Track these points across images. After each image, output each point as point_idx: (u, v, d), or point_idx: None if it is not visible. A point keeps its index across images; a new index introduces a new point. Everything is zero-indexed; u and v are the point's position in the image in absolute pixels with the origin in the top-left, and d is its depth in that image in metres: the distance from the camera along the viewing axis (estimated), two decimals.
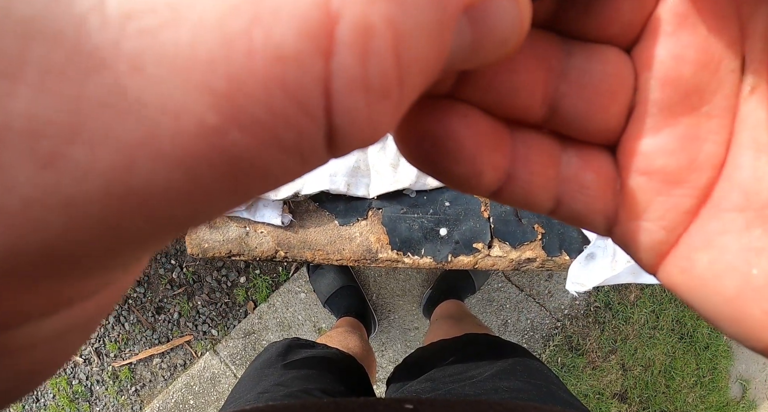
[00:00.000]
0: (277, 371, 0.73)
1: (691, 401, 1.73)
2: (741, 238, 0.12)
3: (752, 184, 0.13)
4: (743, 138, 0.13)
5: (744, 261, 0.12)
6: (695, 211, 0.13)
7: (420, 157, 0.13)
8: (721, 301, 0.13)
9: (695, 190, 0.13)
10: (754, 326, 0.12)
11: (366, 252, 0.61)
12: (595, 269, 0.60)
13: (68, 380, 1.66)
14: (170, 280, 1.63)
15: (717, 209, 0.13)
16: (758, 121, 0.13)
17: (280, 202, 0.62)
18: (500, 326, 1.63)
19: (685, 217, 0.13)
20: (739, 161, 0.13)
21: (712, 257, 0.13)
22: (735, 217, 0.13)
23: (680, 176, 0.13)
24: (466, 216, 0.62)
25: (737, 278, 0.12)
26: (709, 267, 0.13)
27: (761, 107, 0.13)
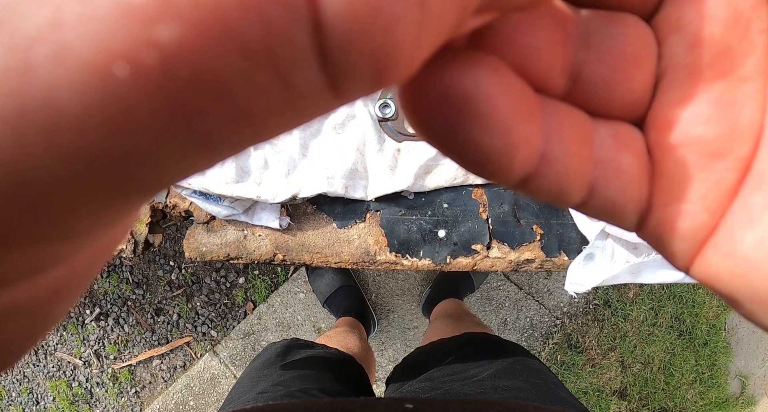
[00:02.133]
0: (276, 371, 0.73)
1: (691, 398, 1.73)
2: None
3: None
4: None
5: None
6: (737, 187, 0.12)
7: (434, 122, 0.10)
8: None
9: (739, 162, 0.12)
10: None
11: (364, 254, 0.60)
12: (594, 270, 0.60)
13: (68, 383, 1.66)
14: (169, 281, 1.63)
15: (759, 181, 0.12)
16: None
17: (278, 205, 0.61)
18: (499, 325, 1.63)
19: (728, 194, 0.12)
20: None
21: (759, 233, 0.11)
22: None
23: (722, 147, 0.12)
24: (465, 217, 0.62)
25: None
26: (757, 246, 0.11)
27: None
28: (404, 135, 0.63)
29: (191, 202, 0.62)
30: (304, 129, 0.62)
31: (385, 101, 0.63)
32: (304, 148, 0.62)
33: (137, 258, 1.64)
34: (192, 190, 0.60)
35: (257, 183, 0.59)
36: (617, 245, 0.60)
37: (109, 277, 1.64)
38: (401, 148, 0.63)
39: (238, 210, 0.61)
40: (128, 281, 1.64)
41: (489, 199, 0.62)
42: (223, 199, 0.60)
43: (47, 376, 1.67)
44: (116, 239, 0.12)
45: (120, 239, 0.11)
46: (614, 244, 0.60)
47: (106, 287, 1.64)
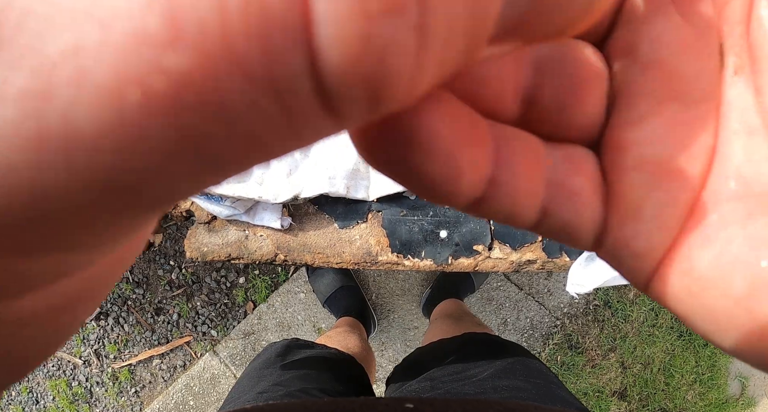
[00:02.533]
0: (276, 371, 0.73)
1: (691, 399, 1.73)
2: (745, 228, 0.11)
3: (749, 168, 0.12)
4: (732, 122, 0.12)
5: (752, 253, 0.11)
6: (692, 205, 0.12)
7: (381, 153, 0.10)
8: (730, 303, 0.11)
9: (692, 182, 0.12)
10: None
11: (366, 255, 0.60)
12: (595, 271, 0.60)
13: (68, 382, 1.66)
14: (169, 281, 1.63)
15: (713, 200, 0.12)
16: (746, 104, 0.12)
17: (280, 206, 0.61)
18: (500, 325, 1.63)
19: (683, 213, 0.12)
20: (731, 147, 0.12)
21: (714, 253, 0.11)
22: (735, 206, 0.11)
23: (674, 167, 0.12)
24: (466, 218, 0.62)
25: (747, 273, 0.11)
26: (713, 265, 0.11)
27: (747, 90, 0.12)
28: None
29: (192, 202, 0.62)
30: None
31: None
32: (305, 149, 0.62)
33: (137, 257, 1.64)
34: None
35: (259, 183, 0.59)
36: None
37: None
38: None
39: (239, 210, 0.61)
40: (128, 281, 1.64)
41: None
42: (225, 199, 0.60)
43: (47, 375, 1.67)
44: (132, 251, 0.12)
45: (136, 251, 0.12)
46: None
47: None
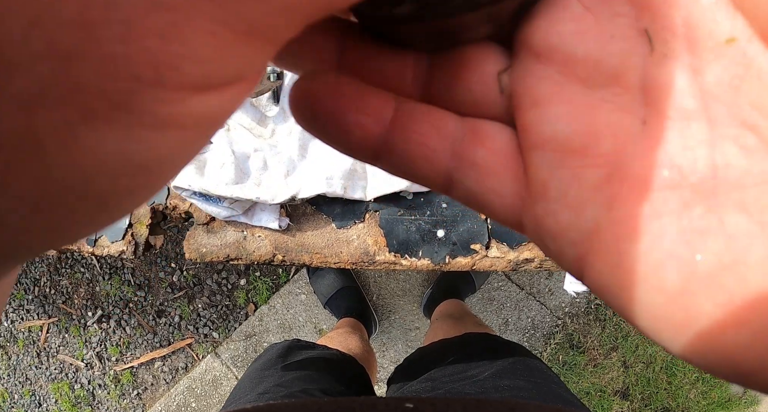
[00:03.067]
0: (277, 372, 0.73)
1: (693, 398, 1.73)
2: (679, 220, 0.11)
3: (684, 156, 0.11)
4: (665, 108, 0.11)
5: (685, 246, 0.10)
6: (607, 186, 0.12)
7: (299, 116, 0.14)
8: (663, 300, 0.10)
9: (598, 159, 0.12)
10: (706, 326, 0.10)
11: (363, 255, 0.61)
12: None
13: (70, 385, 1.66)
14: (170, 283, 1.63)
15: (644, 189, 0.11)
16: (681, 88, 0.11)
17: (277, 206, 0.62)
18: (501, 325, 1.63)
19: (594, 193, 0.12)
20: (664, 134, 0.11)
21: (646, 245, 0.11)
22: (668, 196, 0.11)
23: (576, 145, 0.12)
24: (464, 217, 0.62)
25: (680, 268, 0.10)
26: (645, 258, 0.11)
27: (682, 73, 0.11)
28: None
29: (191, 203, 0.62)
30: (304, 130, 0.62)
31: None
32: (303, 150, 0.62)
33: (138, 260, 1.65)
34: (192, 192, 0.60)
35: (256, 184, 0.59)
36: None
37: (111, 279, 1.65)
38: None
39: (237, 211, 0.61)
40: (130, 283, 1.64)
41: None
42: (223, 200, 0.60)
43: (49, 378, 1.67)
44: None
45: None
46: None
47: (108, 289, 1.65)
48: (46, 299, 1.67)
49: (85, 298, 1.66)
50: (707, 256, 0.10)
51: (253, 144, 0.62)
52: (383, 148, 0.14)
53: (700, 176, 0.11)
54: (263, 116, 0.64)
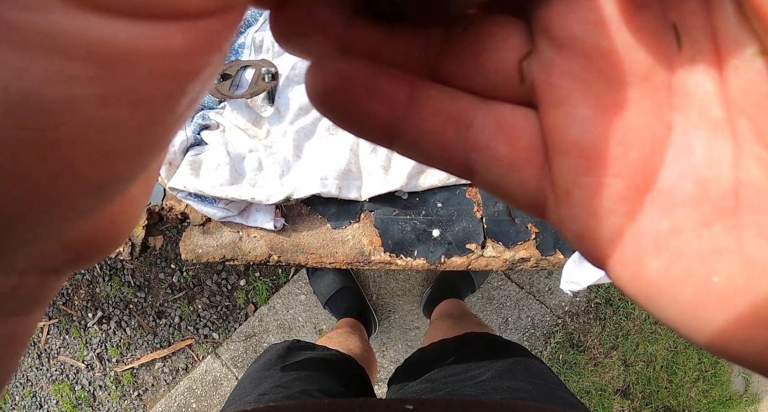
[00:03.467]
0: (277, 372, 0.73)
1: (694, 396, 1.72)
2: (699, 238, 0.11)
3: (707, 170, 0.11)
4: (691, 115, 0.11)
5: (703, 267, 0.10)
6: (631, 196, 0.11)
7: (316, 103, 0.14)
8: (678, 310, 0.11)
9: (623, 169, 0.11)
10: (716, 335, 0.11)
11: (359, 255, 0.61)
12: (590, 268, 0.60)
13: (71, 386, 1.66)
14: (170, 284, 1.63)
15: (667, 202, 0.11)
16: (709, 95, 0.11)
17: (273, 207, 0.62)
18: (501, 325, 1.63)
19: (618, 203, 0.11)
20: (689, 143, 0.11)
21: (664, 262, 0.11)
22: (689, 212, 0.11)
23: (601, 152, 0.11)
24: (459, 217, 0.62)
25: (695, 286, 0.10)
26: (663, 274, 0.11)
27: (709, 78, 0.11)
28: None
29: (187, 204, 0.62)
30: (299, 131, 0.63)
31: None
32: (297, 150, 0.62)
33: (138, 261, 1.65)
34: (187, 193, 0.60)
35: (251, 185, 0.59)
36: None
37: (111, 280, 1.65)
38: None
39: (232, 212, 0.61)
40: (130, 284, 1.65)
41: (483, 198, 0.62)
42: (218, 201, 0.60)
43: (50, 379, 1.67)
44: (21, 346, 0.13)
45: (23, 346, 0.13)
46: None
47: (108, 291, 1.65)
48: None
49: (85, 299, 1.66)
50: (723, 277, 0.10)
51: (248, 145, 0.62)
52: (398, 134, 0.13)
53: (723, 194, 0.10)
54: (258, 117, 0.64)
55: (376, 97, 0.13)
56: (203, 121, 0.63)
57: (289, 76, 0.64)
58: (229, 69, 0.64)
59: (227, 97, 0.61)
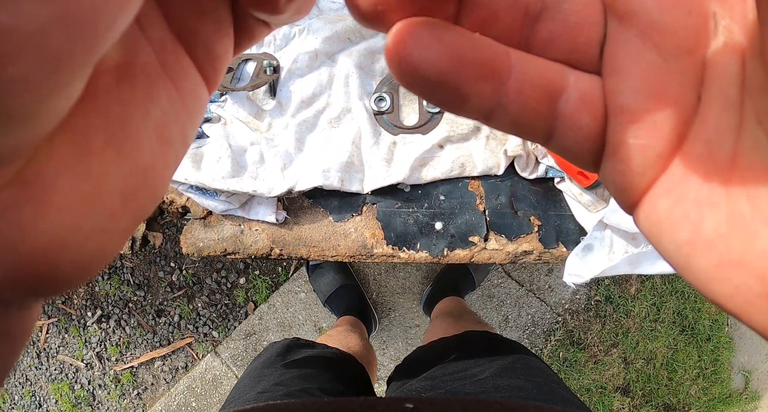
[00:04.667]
0: (277, 370, 0.73)
1: (694, 394, 1.72)
2: (699, 189, 0.13)
3: (715, 136, 0.13)
4: (714, 90, 0.13)
5: (697, 212, 0.12)
6: (668, 155, 0.13)
7: (408, 85, 0.13)
8: (674, 247, 0.13)
9: (665, 133, 0.13)
10: (700, 275, 0.13)
11: (361, 248, 0.60)
12: (593, 261, 0.60)
13: (70, 385, 1.66)
14: (170, 282, 1.63)
15: (684, 156, 0.13)
16: (731, 77, 0.13)
17: (274, 200, 0.61)
18: (501, 322, 1.63)
19: (657, 161, 0.13)
20: (707, 112, 0.13)
21: (670, 203, 0.13)
22: (697, 166, 0.13)
23: (649, 118, 0.13)
24: (462, 209, 0.61)
25: (689, 228, 0.13)
26: (667, 213, 0.13)
27: (735, 63, 0.12)
28: (400, 128, 0.63)
29: (188, 197, 0.62)
30: (300, 124, 0.62)
31: (381, 95, 0.63)
32: (299, 143, 0.62)
33: (138, 259, 1.64)
34: (188, 186, 0.60)
35: (253, 177, 0.59)
36: (616, 235, 0.60)
37: (110, 279, 1.64)
38: (397, 141, 0.63)
39: (234, 205, 0.61)
40: (129, 283, 1.64)
41: (486, 191, 0.62)
42: (220, 194, 0.60)
43: (49, 378, 1.67)
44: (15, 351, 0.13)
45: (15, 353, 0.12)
46: (612, 235, 0.60)
47: (107, 289, 1.64)
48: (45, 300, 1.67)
49: (84, 298, 1.66)
50: (710, 223, 0.12)
51: (250, 137, 0.62)
52: (498, 111, 0.14)
53: (723, 156, 0.12)
54: (260, 110, 0.64)
55: (485, 76, 0.13)
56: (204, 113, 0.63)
57: (291, 69, 0.64)
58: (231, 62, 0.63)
59: (229, 89, 0.61)
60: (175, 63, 0.14)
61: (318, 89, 0.64)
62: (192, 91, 0.14)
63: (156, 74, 0.13)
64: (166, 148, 0.13)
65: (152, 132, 0.13)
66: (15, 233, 0.10)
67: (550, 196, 0.63)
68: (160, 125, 0.13)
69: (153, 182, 0.13)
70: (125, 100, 0.12)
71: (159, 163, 0.13)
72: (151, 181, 0.13)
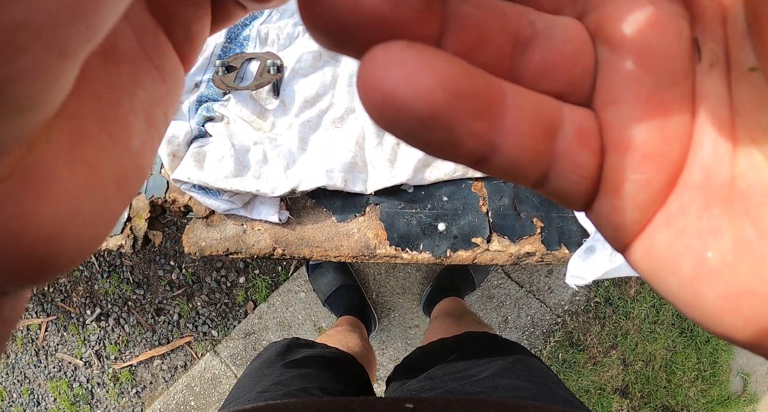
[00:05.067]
0: (277, 370, 0.73)
1: (693, 395, 1.73)
2: (700, 218, 0.12)
3: (713, 161, 0.12)
4: (706, 114, 0.12)
5: (700, 243, 0.12)
6: (669, 187, 0.13)
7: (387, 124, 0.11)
8: (678, 283, 0.12)
9: (668, 165, 0.12)
10: (709, 309, 0.12)
11: (364, 248, 0.60)
12: (595, 263, 0.60)
13: (69, 383, 1.65)
14: (169, 281, 1.63)
15: (683, 186, 0.12)
16: (719, 99, 0.12)
17: (277, 200, 0.61)
18: (500, 323, 1.63)
19: (658, 195, 0.13)
20: (701, 138, 0.12)
21: (670, 237, 0.12)
22: (696, 195, 0.12)
23: (651, 150, 0.12)
24: (465, 211, 0.61)
25: (693, 261, 0.12)
26: (668, 248, 0.12)
27: (721, 84, 0.12)
28: None
29: (190, 196, 0.62)
30: (304, 123, 0.62)
31: None
32: (303, 143, 0.62)
33: (137, 258, 1.64)
34: (191, 185, 0.60)
35: (256, 177, 0.59)
36: None
37: (110, 277, 1.64)
38: (400, 141, 0.63)
39: (237, 204, 0.60)
40: (129, 281, 1.64)
41: (489, 192, 0.62)
42: (222, 193, 0.60)
43: (48, 377, 1.66)
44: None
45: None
46: None
47: (106, 288, 1.64)
48: (44, 297, 1.67)
49: (83, 296, 1.66)
50: (715, 253, 0.12)
51: (253, 137, 0.61)
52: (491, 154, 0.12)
53: (722, 182, 0.12)
54: (263, 109, 0.64)
55: (481, 113, 0.11)
56: (207, 113, 0.63)
57: (295, 69, 0.64)
58: (234, 61, 0.63)
59: (232, 88, 0.61)
60: (156, 44, 0.14)
61: (322, 89, 0.63)
62: (172, 71, 0.14)
63: (139, 56, 0.13)
64: (153, 129, 0.13)
65: (140, 115, 0.13)
66: (17, 223, 0.10)
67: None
68: (147, 107, 0.13)
69: (142, 165, 0.13)
70: (113, 83, 0.12)
71: (147, 145, 0.13)
72: (141, 163, 0.13)
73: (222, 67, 0.62)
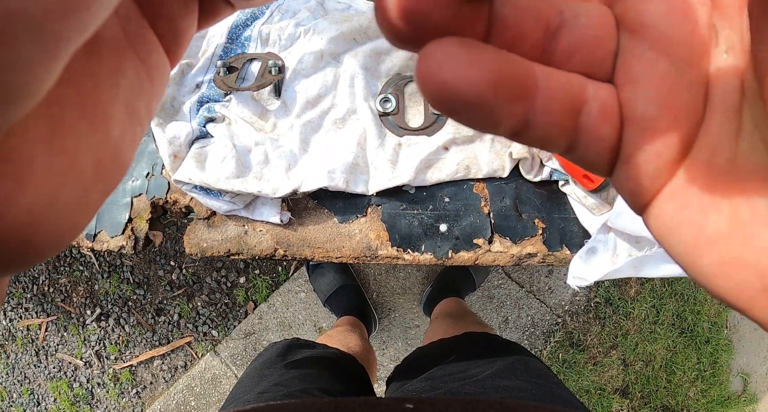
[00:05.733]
0: (277, 371, 0.73)
1: (693, 396, 1.73)
2: (702, 192, 0.13)
3: (718, 142, 0.13)
4: (717, 98, 0.13)
5: (701, 214, 0.13)
6: (678, 161, 0.14)
7: (441, 107, 0.13)
8: (682, 248, 0.14)
9: (677, 140, 0.14)
10: (705, 273, 0.14)
11: (366, 249, 0.60)
12: (596, 264, 0.60)
13: (69, 384, 1.65)
14: (170, 281, 1.63)
15: (690, 162, 0.14)
16: (732, 85, 0.13)
17: (279, 200, 0.61)
18: (501, 323, 1.63)
19: (669, 166, 0.14)
20: (711, 119, 0.14)
21: (676, 207, 0.14)
22: (701, 172, 0.14)
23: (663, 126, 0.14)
24: (466, 212, 0.61)
25: (693, 230, 0.13)
26: (673, 217, 0.14)
27: (734, 73, 0.13)
28: (405, 129, 0.63)
29: (191, 197, 0.62)
30: (305, 124, 0.62)
31: (386, 96, 0.63)
32: (304, 143, 0.62)
33: (137, 258, 1.64)
34: (192, 186, 0.60)
35: (258, 178, 0.59)
36: (619, 239, 0.60)
37: (110, 277, 1.64)
38: (402, 142, 0.63)
39: (238, 205, 0.60)
40: (129, 282, 1.64)
41: (490, 194, 0.62)
42: (224, 194, 0.60)
43: (48, 377, 1.66)
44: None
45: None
46: (616, 238, 0.60)
47: (106, 288, 1.64)
48: (44, 298, 1.67)
49: (83, 296, 1.66)
50: (713, 226, 0.13)
51: (254, 138, 0.61)
52: (525, 129, 0.14)
53: (725, 160, 0.13)
54: (264, 110, 0.64)
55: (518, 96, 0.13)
56: (209, 113, 0.62)
57: (296, 70, 0.64)
58: (236, 62, 0.63)
59: (233, 89, 0.61)
60: (140, 37, 0.14)
61: (323, 90, 0.63)
62: (156, 65, 0.15)
63: (122, 47, 0.13)
64: (134, 121, 0.14)
65: (121, 105, 0.13)
66: None
67: (555, 199, 0.63)
68: (128, 98, 0.13)
69: (122, 156, 0.13)
70: (95, 72, 0.12)
71: (128, 136, 0.13)
72: (121, 154, 0.13)
73: (223, 67, 0.62)
